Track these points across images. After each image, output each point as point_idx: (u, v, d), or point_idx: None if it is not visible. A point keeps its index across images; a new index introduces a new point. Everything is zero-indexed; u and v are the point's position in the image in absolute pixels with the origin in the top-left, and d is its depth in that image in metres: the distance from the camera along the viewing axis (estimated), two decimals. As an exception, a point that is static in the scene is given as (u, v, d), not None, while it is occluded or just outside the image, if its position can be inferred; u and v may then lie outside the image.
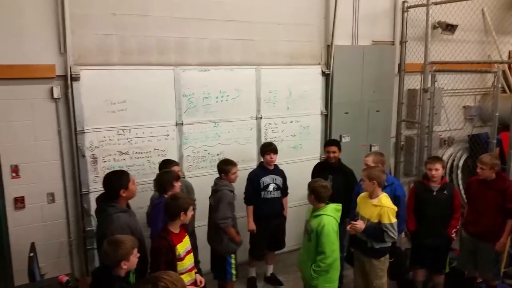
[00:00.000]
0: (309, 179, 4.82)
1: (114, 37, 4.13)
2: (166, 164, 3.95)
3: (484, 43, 6.42)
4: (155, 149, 4.34)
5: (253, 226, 4.40)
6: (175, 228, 3.09)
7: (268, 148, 4.45)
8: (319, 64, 5.31)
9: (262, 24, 4.85)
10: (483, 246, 4.03)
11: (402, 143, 5.97)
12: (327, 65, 5.31)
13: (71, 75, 3.91)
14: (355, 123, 5.48)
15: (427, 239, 4.05)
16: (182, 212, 3.04)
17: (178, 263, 3.01)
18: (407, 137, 5.98)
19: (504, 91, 6.19)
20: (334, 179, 4.40)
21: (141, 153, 4.28)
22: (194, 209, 3.92)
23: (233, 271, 4.07)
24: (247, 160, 4.90)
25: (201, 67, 4.54)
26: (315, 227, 3.35)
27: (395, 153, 5.99)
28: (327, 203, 3.42)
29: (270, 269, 4.82)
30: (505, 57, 6.38)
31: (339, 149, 4.55)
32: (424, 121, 5.58)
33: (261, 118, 4.95)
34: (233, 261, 4.05)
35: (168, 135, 4.41)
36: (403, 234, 4.42)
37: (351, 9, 5.41)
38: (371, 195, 3.63)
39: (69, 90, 3.93)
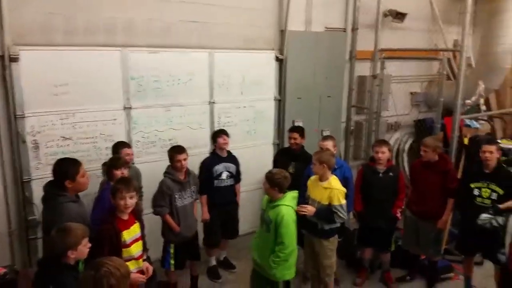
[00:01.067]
0: (263, 163, 4.90)
1: (58, 16, 3.90)
2: (117, 147, 3.85)
3: (431, 32, 6.66)
4: (101, 134, 4.18)
5: (207, 216, 4.35)
6: (122, 214, 3.01)
7: (219, 131, 4.41)
8: (273, 49, 5.30)
9: (215, 7, 4.75)
10: (425, 225, 4.23)
11: (352, 127, 6.13)
12: (281, 50, 5.32)
13: (9, 55, 3.67)
14: (307, 108, 5.55)
15: (373, 219, 4.21)
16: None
17: (124, 249, 2.93)
18: (357, 122, 6.15)
19: (449, 78, 6.48)
20: (296, 166, 4.42)
21: (86, 138, 4.10)
22: (141, 196, 3.87)
23: (172, 261, 3.98)
24: (199, 146, 4.84)
25: (151, 49, 4.40)
26: (274, 217, 3.32)
27: (345, 137, 6.14)
28: (285, 192, 3.41)
29: (223, 254, 4.83)
30: (450, 46, 6.66)
31: (302, 136, 4.56)
32: (373, 107, 5.75)
33: (214, 102, 4.89)
34: (172, 250, 3.96)
35: (115, 119, 4.25)
36: (351, 215, 4.55)
37: (306, -6, 5.43)
38: (321, 178, 3.70)
39: (7, 72, 3.69)
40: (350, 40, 5.90)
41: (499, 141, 5.32)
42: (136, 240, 3.06)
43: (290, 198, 3.40)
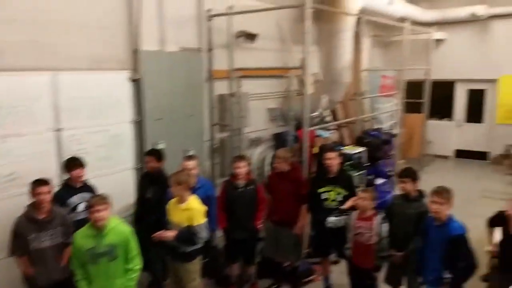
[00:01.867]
0: (124, 191, 4.67)
1: None
2: None
3: (282, 51, 7.21)
4: None
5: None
6: None
7: (73, 163, 4.04)
8: (127, 69, 5.10)
9: (59, 25, 4.38)
10: (284, 232, 4.49)
11: (216, 145, 6.23)
12: (136, 70, 5.15)
13: None
14: (169, 129, 5.45)
15: (236, 233, 4.31)
16: None
17: None
18: (221, 139, 6.28)
19: (300, 94, 7.05)
20: (154, 190, 4.28)
21: None
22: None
23: None
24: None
25: (-22, 74, 3.85)
26: (117, 240, 3.29)
27: (210, 155, 6.21)
28: None
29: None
30: (298, 64, 7.27)
31: (158, 159, 4.42)
32: (234, 124, 5.95)
33: (61, 129, 4.47)
34: None
35: None
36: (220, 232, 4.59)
37: (157, 14, 5.36)
38: (181, 200, 3.65)
39: None
40: (207, 60, 6.03)
41: (343, 147, 5.96)
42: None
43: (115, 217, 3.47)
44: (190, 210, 3.58)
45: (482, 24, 10.20)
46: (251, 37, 6.40)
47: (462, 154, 11.00)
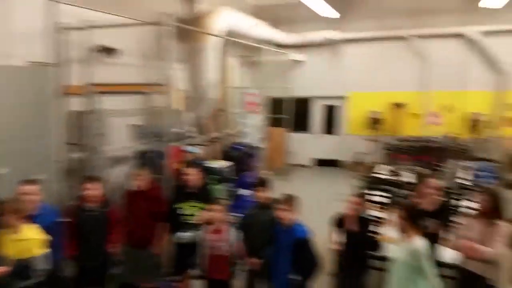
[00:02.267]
0: None
1: None
2: None
3: (145, 67, 7.07)
4: None
5: None
6: None
7: None
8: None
9: None
10: (143, 252, 4.34)
11: (70, 166, 5.76)
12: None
13: None
14: (12, 152, 4.85)
15: (87, 260, 4.02)
16: None
17: None
18: (77, 159, 5.83)
19: (164, 110, 6.95)
20: None
21: None
22: None
23: None
24: None
25: None
26: None
27: (63, 177, 5.70)
28: None
29: None
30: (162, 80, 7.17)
31: None
32: (91, 142, 5.59)
33: None
34: None
35: None
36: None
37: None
38: (14, 230, 3.27)
39: None
40: (59, 75, 5.58)
41: (207, 162, 6.05)
42: None
43: None
44: (25, 241, 3.24)
45: (335, 47, 11.47)
46: (110, 51, 6.15)
47: (320, 162, 12.21)
